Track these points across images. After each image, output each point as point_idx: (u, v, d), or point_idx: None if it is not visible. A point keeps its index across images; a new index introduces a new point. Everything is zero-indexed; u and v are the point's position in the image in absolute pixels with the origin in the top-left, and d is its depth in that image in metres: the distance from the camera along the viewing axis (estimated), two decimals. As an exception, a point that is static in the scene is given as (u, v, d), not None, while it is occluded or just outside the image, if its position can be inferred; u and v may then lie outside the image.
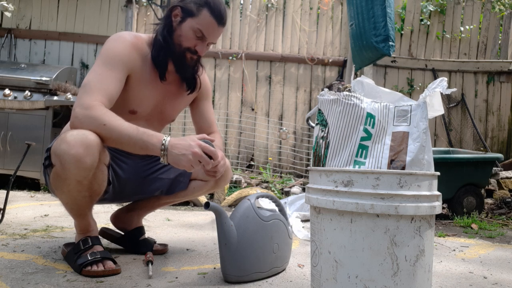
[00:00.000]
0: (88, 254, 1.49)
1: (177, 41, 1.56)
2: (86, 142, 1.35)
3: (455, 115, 4.88)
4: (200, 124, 1.84)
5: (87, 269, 1.45)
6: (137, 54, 1.57)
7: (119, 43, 1.53)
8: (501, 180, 3.89)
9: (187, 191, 1.78)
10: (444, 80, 2.04)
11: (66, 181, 1.40)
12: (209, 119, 1.85)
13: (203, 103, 1.84)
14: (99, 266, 1.47)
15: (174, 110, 1.78)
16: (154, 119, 1.73)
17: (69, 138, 1.35)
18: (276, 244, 1.52)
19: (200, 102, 1.83)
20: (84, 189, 1.44)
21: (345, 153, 2.08)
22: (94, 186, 1.47)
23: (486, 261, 1.95)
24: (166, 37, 1.57)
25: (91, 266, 1.46)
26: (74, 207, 1.53)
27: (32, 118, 3.58)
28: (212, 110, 1.89)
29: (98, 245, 1.55)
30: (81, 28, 4.63)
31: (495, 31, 4.97)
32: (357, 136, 2.06)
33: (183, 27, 1.55)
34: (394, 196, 1.04)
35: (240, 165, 4.55)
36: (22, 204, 2.95)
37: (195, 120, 1.86)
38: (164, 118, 1.77)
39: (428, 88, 2.06)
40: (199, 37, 1.55)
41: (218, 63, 4.66)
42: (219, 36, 1.61)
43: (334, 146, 2.11)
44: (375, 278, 1.04)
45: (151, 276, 1.46)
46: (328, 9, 4.82)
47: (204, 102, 1.84)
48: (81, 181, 1.40)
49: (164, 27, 1.58)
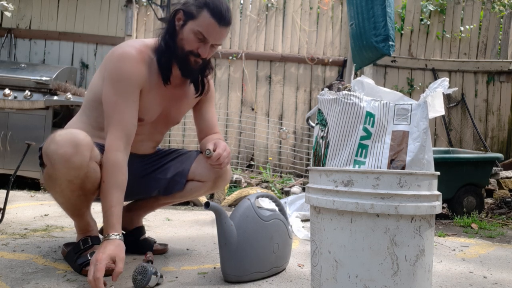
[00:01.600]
0: (88, 254, 1.49)
1: (180, 45, 1.56)
2: (74, 141, 1.37)
3: (455, 115, 4.87)
4: (201, 126, 1.83)
5: (87, 268, 1.45)
6: (144, 67, 1.56)
7: (127, 64, 1.52)
8: (501, 180, 3.88)
9: (184, 192, 1.77)
10: (445, 80, 2.04)
11: (57, 181, 1.42)
12: (211, 122, 1.84)
13: (206, 105, 1.83)
14: None
15: (180, 113, 1.78)
16: (160, 123, 1.74)
17: (58, 138, 1.37)
18: (276, 244, 1.52)
19: (204, 104, 1.82)
20: (77, 188, 1.44)
21: (345, 153, 2.08)
22: (88, 185, 1.47)
23: (486, 261, 1.95)
24: (168, 42, 1.56)
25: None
26: (69, 207, 1.53)
27: (32, 118, 3.57)
28: (215, 112, 1.89)
29: (98, 244, 1.55)
30: (81, 28, 4.63)
31: (495, 31, 4.97)
32: (357, 136, 2.06)
33: (185, 31, 1.54)
34: (394, 196, 1.04)
35: (240, 165, 4.55)
36: (22, 204, 2.95)
37: (197, 122, 1.85)
38: (170, 122, 1.78)
39: (430, 88, 2.05)
40: (201, 39, 1.54)
41: (218, 63, 4.66)
42: (224, 37, 1.59)
43: (334, 145, 2.11)
44: (375, 278, 1.04)
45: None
46: (328, 9, 4.82)
47: (207, 104, 1.83)
48: (72, 180, 1.41)
49: (167, 31, 1.57)
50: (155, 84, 1.60)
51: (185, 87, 1.71)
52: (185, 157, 1.79)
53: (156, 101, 1.64)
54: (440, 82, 2.03)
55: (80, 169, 1.39)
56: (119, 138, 1.50)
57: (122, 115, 1.52)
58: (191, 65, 1.60)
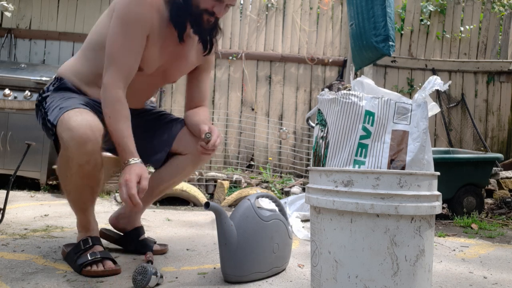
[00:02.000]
0: (88, 254, 1.49)
1: (195, 2, 1.54)
2: (89, 127, 1.41)
3: (455, 115, 4.87)
4: (193, 94, 1.83)
5: (87, 269, 1.45)
6: (156, 13, 1.55)
7: (140, 7, 1.50)
8: (501, 180, 3.88)
9: (171, 168, 1.76)
10: (438, 78, 2.05)
11: (69, 164, 1.45)
12: (203, 92, 1.84)
13: (203, 74, 1.82)
14: (99, 266, 1.47)
15: (178, 72, 1.77)
16: (157, 78, 1.73)
17: (73, 124, 1.40)
18: (276, 244, 1.52)
19: (201, 72, 1.81)
20: (86, 175, 1.47)
21: (345, 153, 2.08)
22: (95, 173, 1.50)
23: (486, 261, 1.95)
24: None
25: (91, 266, 1.46)
26: (76, 198, 1.55)
27: (32, 118, 3.54)
28: (208, 84, 1.88)
29: (98, 245, 1.55)
30: (81, 28, 4.63)
31: (495, 31, 4.97)
32: (356, 135, 2.06)
33: None
34: (394, 196, 1.04)
35: (240, 165, 4.55)
36: (22, 204, 2.95)
37: (189, 89, 1.84)
38: (167, 78, 1.78)
39: (424, 87, 2.06)
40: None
41: (218, 63, 4.66)
42: None
43: (333, 145, 2.11)
44: (375, 278, 1.04)
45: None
46: (328, 9, 4.82)
47: (204, 74, 1.83)
48: (83, 165, 1.44)
49: None
50: (162, 36, 1.59)
51: (188, 46, 1.69)
52: (170, 126, 1.79)
53: (159, 54, 1.63)
54: (434, 81, 2.04)
55: (92, 154, 1.43)
56: (119, 78, 1.52)
57: (125, 57, 1.52)
58: (204, 24, 1.59)
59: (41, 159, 3.53)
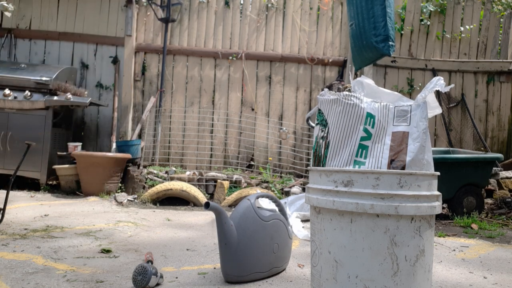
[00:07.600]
0: None
1: None
2: None
3: (455, 115, 4.87)
4: None
5: None
6: None
7: None
8: (501, 180, 3.88)
9: None
10: (441, 79, 2.04)
11: None
12: None
13: None
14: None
15: None
16: None
17: None
18: (276, 244, 1.52)
19: None
20: None
21: (345, 153, 2.08)
22: None
23: (486, 261, 1.95)
24: None
25: None
26: None
27: (32, 118, 3.57)
28: None
29: None
30: (81, 28, 4.63)
31: (495, 31, 4.97)
32: (357, 136, 2.06)
33: None
34: (394, 196, 1.04)
35: (240, 165, 4.54)
36: (22, 204, 2.95)
37: None
38: None
39: (426, 88, 2.06)
40: None
41: (218, 63, 4.66)
42: None
43: (334, 146, 2.11)
44: (375, 278, 1.04)
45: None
46: (328, 9, 4.82)
47: None
48: None
49: None
50: None
51: None
52: None
53: None
54: (436, 81, 2.03)
55: None
56: None
57: None
58: None
59: (41, 159, 3.53)
